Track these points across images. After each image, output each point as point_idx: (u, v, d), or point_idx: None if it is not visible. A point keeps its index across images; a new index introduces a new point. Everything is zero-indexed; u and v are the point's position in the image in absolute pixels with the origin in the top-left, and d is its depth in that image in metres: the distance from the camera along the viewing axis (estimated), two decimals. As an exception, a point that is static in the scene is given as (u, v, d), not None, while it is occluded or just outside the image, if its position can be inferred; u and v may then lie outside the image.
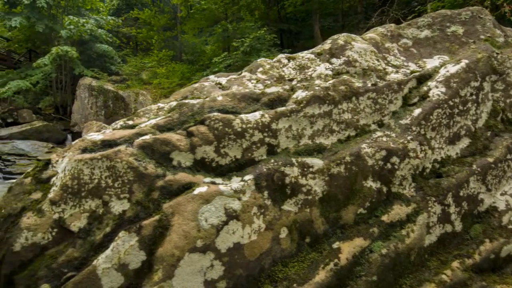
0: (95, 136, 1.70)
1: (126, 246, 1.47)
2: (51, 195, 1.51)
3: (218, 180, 1.71)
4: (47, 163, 1.63)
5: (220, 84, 2.14)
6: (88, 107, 14.00)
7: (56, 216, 1.48)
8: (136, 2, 19.33)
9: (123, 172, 1.57)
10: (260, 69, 2.22)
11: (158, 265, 1.47)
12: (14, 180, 7.67)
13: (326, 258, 1.79)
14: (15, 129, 12.62)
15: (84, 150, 1.62)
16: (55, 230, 1.47)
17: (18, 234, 1.43)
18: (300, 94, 2.00)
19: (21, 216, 1.48)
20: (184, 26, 17.19)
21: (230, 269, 1.58)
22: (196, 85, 2.11)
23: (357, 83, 2.15)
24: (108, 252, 1.45)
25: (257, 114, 1.86)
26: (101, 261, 1.43)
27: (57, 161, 1.63)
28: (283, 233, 1.76)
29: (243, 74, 2.22)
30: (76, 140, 1.70)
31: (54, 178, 1.58)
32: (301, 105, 1.94)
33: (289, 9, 17.70)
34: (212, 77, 2.23)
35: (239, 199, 1.65)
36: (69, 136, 13.72)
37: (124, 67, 16.48)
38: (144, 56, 17.88)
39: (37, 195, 1.54)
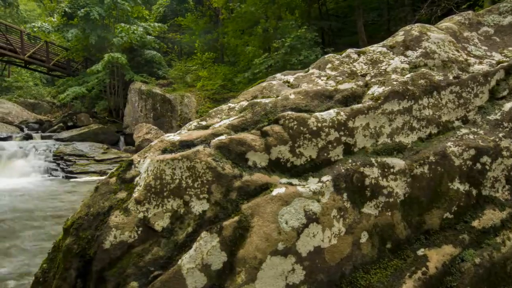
0: (173, 137, 1.72)
1: (208, 247, 1.46)
2: (135, 194, 1.55)
3: (295, 181, 1.66)
4: (130, 163, 1.68)
5: (288, 82, 2.08)
6: (138, 110, 14.75)
7: (141, 215, 1.52)
8: (180, 8, 20.03)
9: (202, 173, 1.57)
10: (329, 65, 2.13)
11: (240, 267, 1.44)
12: (75, 179, 8.27)
13: (411, 266, 1.65)
14: (74, 132, 13.67)
15: (164, 151, 1.65)
16: (140, 229, 1.51)
17: (107, 232, 1.48)
18: (376, 90, 1.88)
19: (109, 215, 1.53)
20: (225, 29, 17.49)
21: (311, 274, 1.51)
22: (264, 84, 2.07)
23: (438, 76, 1.98)
24: (191, 252, 1.45)
25: (332, 112, 1.77)
26: (185, 261, 1.44)
27: (139, 161, 1.68)
28: (364, 237, 1.66)
29: (311, 71, 2.15)
30: (155, 141, 1.73)
31: (137, 178, 1.62)
32: (379, 101, 1.82)
33: (330, 6, 17.25)
34: (279, 75, 2.18)
35: (318, 201, 1.58)
36: (122, 138, 14.58)
37: (170, 71, 17.16)
38: (188, 59, 18.47)
39: (122, 195, 1.59)
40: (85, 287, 1.50)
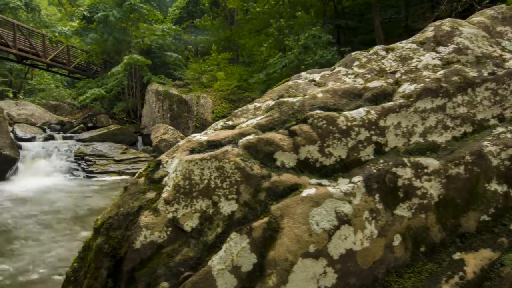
0: (200, 137, 1.72)
1: (238, 248, 1.44)
2: (164, 194, 1.55)
3: (324, 181, 1.62)
4: (158, 163, 1.68)
5: (314, 80, 2.05)
6: (155, 111, 14.96)
7: (170, 215, 1.51)
8: (196, 10, 20.21)
9: (231, 173, 1.55)
10: (356, 62, 2.07)
11: (271, 269, 1.42)
12: (96, 178, 8.46)
13: (447, 270, 1.59)
14: (94, 133, 13.98)
15: (192, 151, 1.64)
16: (170, 229, 1.50)
17: (137, 232, 1.49)
18: (407, 87, 1.82)
19: (139, 215, 1.54)
20: (240, 29, 17.52)
21: (343, 277, 1.47)
22: (290, 83, 2.04)
23: (472, 73, 1.90)
24: (221, 253, 1.43)
25: (361, 111, 1.72)
26: (216, 262, 1.42)
27: (167, 161, 1.68)
28: (397, 240, 1.60)
29: (337, 69, 2.10)
30: (183, 141, 1.73)
31: (165, 178, 1.62)
32: (411, 99, 1.76)
33: (346, 4, 17.00)
34: (304, 74, 2.14)
35: (350, 202, 1.54)
36: (140, 138, 14.81)
37: (186, 72, 17.32)
38: (204, 60, 18.61)
39: (151, 195, 1.59)
40: (116, 286, 1.51)
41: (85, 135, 13.87)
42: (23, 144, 10.91)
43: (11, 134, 10.73)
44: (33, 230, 4.71)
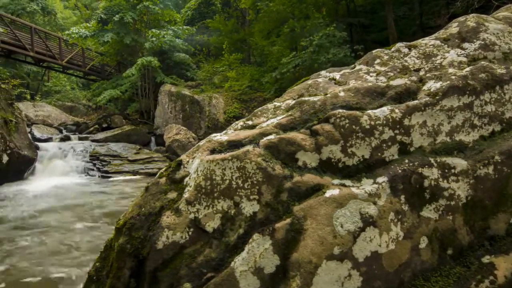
0: (220, 137, 1.70)
1: (261, 249, 1.42)
2: (186, 195, 1.54)
3: (347, 182, 1.58)
4: (179, 163, 1.68)
5: (334, 79, 2.01)
6: (168, 111, 15.10)
7: (191, 216, 1.51)
8: (207, 10, 20.30)
9: (252, 173, 1.53)
10: (378, 60, 2.03)
11: (294, 271, 1.39)
12: (111, 178, 8.57)
13: (476, 274, 1.53)
14: (109, 133, 14.20)
15: (213, 151, 1.63)
16: (192, 229, 1.49)
17: (159, 233, 1.48)
18: (432, 85, 1.77)
19: (161, 215, 1.53)
20: (252, 29, 17.51)
21: (368, 281, 1.44)
22: (310, 81, 2.01)
23: (499, 70, 1.83)
24: (244, 254, 1.42)
25: (385, 110, 1.68)
26: (238, 264, 1.40)
27: (188, 161, 1.67)
28: (423, 243, 1.55)
29: (358, 67, 2.06)
30: (203, 141, 1.72)
31: (187, 179, 1.61)
32: (437, 97, 1.70)
33: (358, 2, 16.79)
34: (323, 72, 2.11)
35: (375, 203, 1.50)
36: (153, 139, 14.97)
37: (198, 73, 17.43)
38: (216, 61, 18.69)
39: (172, 195, 1.59)
40: (138, 287, 1.51)
41: (100, 135, 14.10)
42: (40, 144, 11.17)
43: (29, 135, 10.99)
44: (53, 224, 4.84)
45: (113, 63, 17.89)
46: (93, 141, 13.38)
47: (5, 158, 8.61)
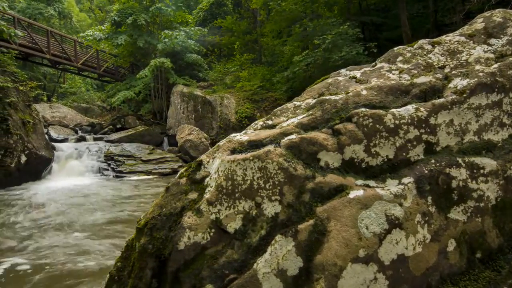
0: (240, 137, 1.68)
1: (283, 251, 1.40)
2: (207, 195, 1.53)
3: (371, 182, 1.54)
4: (199, 164, 1.67)
5: (355, 77, 1.97)
6: (180, 112, 15.21)
7: (213, 216, 1.49)
8: (219, 11, 20.38)
9: (274, 173, 1.51)
10: (400, 58, 1.98)
11: (318, 274, 1.36)
12: (125, 178, 8.68)
13: (507, 278, 1.47)
14: (123, 134, 14.40)
15: (233, 151, 1.61)
16: (213, 230, 1.48)
17: (181, 233, 1.47)
18: (459, 82, 1.71)
19: (182, 216, 1.52)
20: (263, 29, 17.49)
21: (394, 284, 1.39)
22: (330, 80, 1.97)
23: (530, 66, 1.76)
24: (266, 256, 1.40)
25: (410, 108, 1.63)
26: (261, 265, 1.38)
27: (208, 161, 1.66)
28: (451, 245, 1.50)
29: (379, 65, 2.01)
30: (223, 141, 1.71)
31: (207, 179, 1.60)
32: (464, 95, 1.65)
33: (371, 0, 16.58)
34: (343, 71, 2.07)
35: (401, 204, 1.45)
36: (165, 139, 15.11)
37: (210, 73, 17.51)
38: (227, 61, 18.74)
39: (193, 195, 1.58)
40: (160, 287, 1.51)
41: (114, 136, 14.31)
42: (56, 145, 11.41)
43: (46, 136, 11.24)
44: (74, 220, 4.97)
45: (126, 64, 18.15)
46: (107, 141, 13.60)
47: (23, 158, 8.83)
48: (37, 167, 9.38)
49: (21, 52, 14.36)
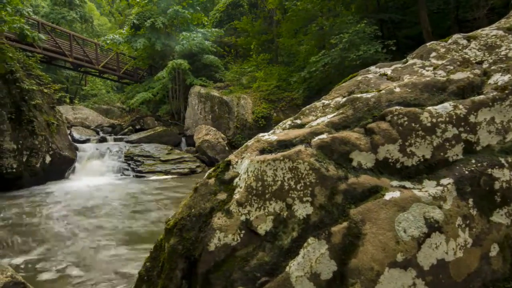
0: (269, 136, 1.65)
1: (317, 254, 1.35)
2: (237, 196, 1.50)
3: (407, 183, 1.48)
4: (228, 164, 1.64)
5: (386, 74, 1.90)
6: (198, 112, 15.34)
7: (243, 217, 1.47)
8: (235, 12, 20.45)
9: (305, 174, 1.47)
10: (433, 53, 1.90)
11: (354, 278, 1.31)
12: (144, 178, 8.82)
13: (557, 287, 1.37)
14: (142, 134, 14.65)
15: (262, 151, 1.58)
16: (243, 231, 1.45)
17: (211, 234, 1.46)
18: (499, 78, 1.62)
19: (211, 216, 1.51)
20: (279, 29, 17.41)
21: (434, 290, 1.33)
22: (359, 78, 1.91)
23: None
24: (299, 259, 1.36)
25: (448, 106, 1.56)
26: (294, 269, 1.35)
27: (236, 162, 1.63)
28: (494, 250, 1.42)
29: (411, 61, 1.94)
30: (251, 141, 1.68)
31: (236, 179, 1.58)
32: (506, 91, 1.56)
33: (389, -3, 16.22)
34: (373, 68, 2.00)
35: (440, 207, 1.38)
36: (183, 139, 15.27)
37: (226, 74, 17.58)
38: (244, 61, 18.76)
39: (222, 196, 1.56)
40: (190, 288, 1.49)
41: (134, 136, 14.57)
42: (79, 145, 11.72)
43: (69, 137, 11.56)
44: (101, 214, 5.10)
45: (145, 66, 18.47)
46: (127, 142, 13.85)
47: (48, 159, 9.11)
48: (61, 167, 9.66)
49: (45, 55, 14.84)
